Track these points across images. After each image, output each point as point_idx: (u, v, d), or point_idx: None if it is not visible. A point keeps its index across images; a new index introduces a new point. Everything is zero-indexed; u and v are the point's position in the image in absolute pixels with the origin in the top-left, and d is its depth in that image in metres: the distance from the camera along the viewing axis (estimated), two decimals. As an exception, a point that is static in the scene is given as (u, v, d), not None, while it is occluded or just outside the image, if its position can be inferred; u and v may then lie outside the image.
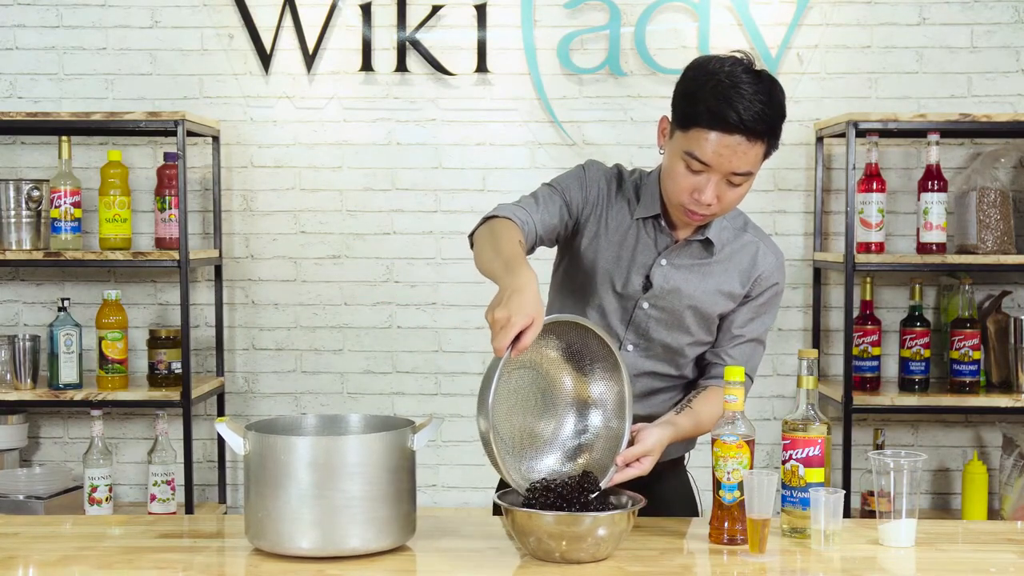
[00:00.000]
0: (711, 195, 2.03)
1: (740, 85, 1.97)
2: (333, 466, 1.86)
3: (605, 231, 2.20)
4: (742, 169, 2.01)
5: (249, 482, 1.93)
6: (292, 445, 1.88)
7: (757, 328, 2.24)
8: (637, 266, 2.18)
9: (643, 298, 2.18)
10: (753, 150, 2.00)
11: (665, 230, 2.18)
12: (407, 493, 1.95)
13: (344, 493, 1.86)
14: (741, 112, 1.96)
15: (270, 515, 1.88)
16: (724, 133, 1.97)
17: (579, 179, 2.23)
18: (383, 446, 1.90)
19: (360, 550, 1.89)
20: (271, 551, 1.90)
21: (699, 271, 2.19)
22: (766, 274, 2.21)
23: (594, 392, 2.06)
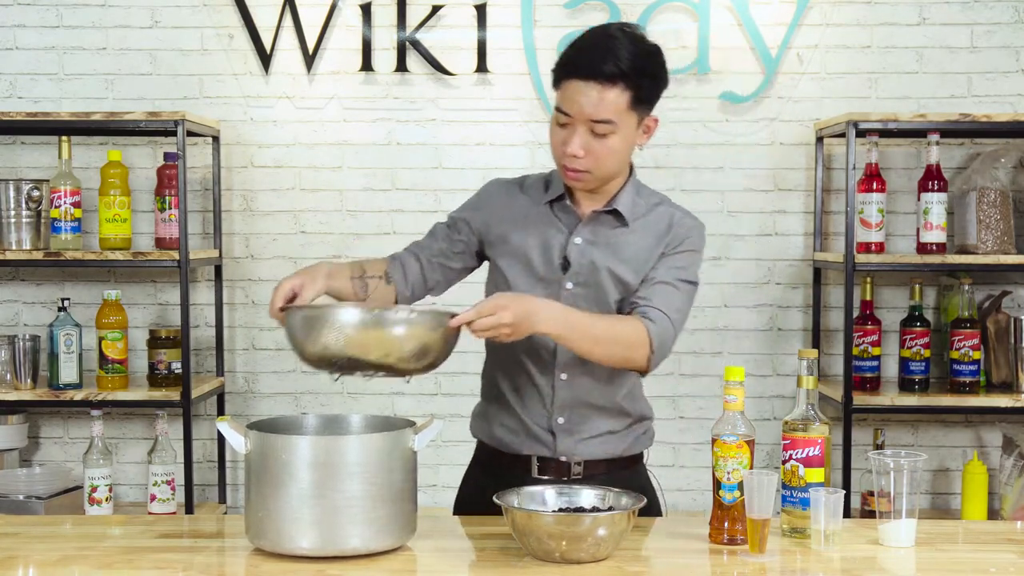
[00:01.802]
0: (576, 145, 2.09)
1: (594, 37, 2.10)
2: (334, 466, 1.87)
3: (514, 229, 2.24)
4: (600, 116, 2.07)
5: (250, 481, 1.93)
6: (293, 444, 1.88)
7: (671, 274, 2.20)
8: (554, 249, 2.21)
9: (564, 278, 2.20)
10: (608, 95, 2.06)
11: (570, 208, 2.22)
12: (408, 493, 1.95)
13: (345, 493, 1.86)
14: (589, 57, 2.06)
15: (270, 515, 1.88)
16: (577, 80, 2.06)
17: (475, 199, 2.33)
18: (384, 446, 1.91)
19: (360, 550, 1.89)
20: (271, 551, 1.90)
21: (614, 242, 2.21)
22: (680, 231, 2.23)
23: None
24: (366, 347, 1.91)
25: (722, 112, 3.82)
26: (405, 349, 1.92)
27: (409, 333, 1.92)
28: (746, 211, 3.85)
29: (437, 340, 1.94)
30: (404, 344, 1.92)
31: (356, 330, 1.90)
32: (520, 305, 1.99)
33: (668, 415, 3.87)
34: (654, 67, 2.13)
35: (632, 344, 2.10)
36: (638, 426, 2.34)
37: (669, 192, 3.79)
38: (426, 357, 1.95)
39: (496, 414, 2.30)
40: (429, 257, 2.29)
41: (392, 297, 2.26)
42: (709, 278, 3.85)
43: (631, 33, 2.11)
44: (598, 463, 2.26)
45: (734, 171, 3.83)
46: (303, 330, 1.95)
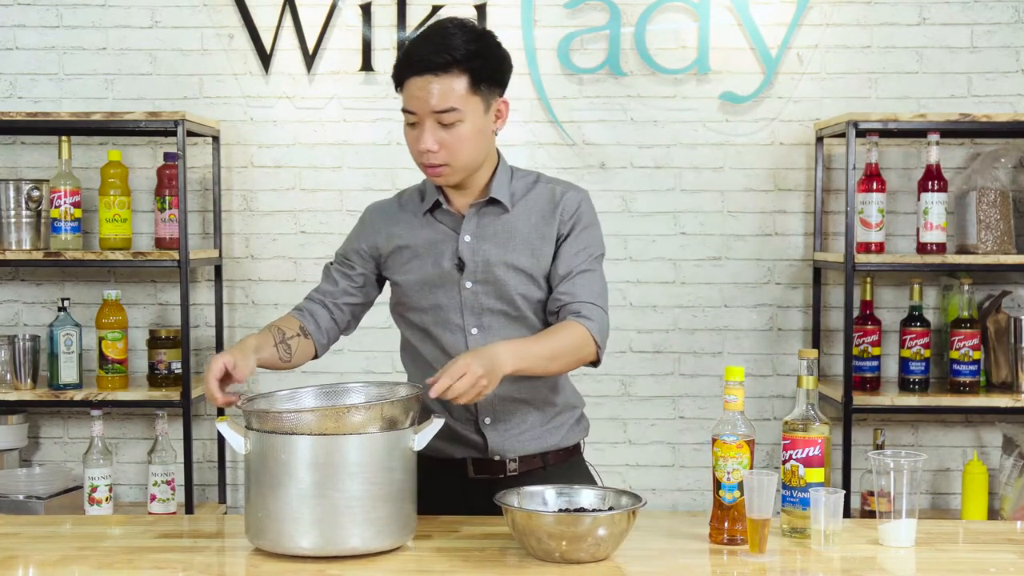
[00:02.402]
0: (429, 141, 2.10)
1: (426, 33, 2.13)
2: (334, 465, 1.87)
3: (403, 245, 2.25)
4: (442, 106, 2.08)
5: (249, 481, 1.93)
6: (293, 444, 1.88)
7: (582, 259, 2.21)
8: (445, 253, 2.22)
9: (463, 279, 2.21)
10: (446, 84, 2.08)
11: (449, 210, 2.23)
12: (408, 493, 1.95)
13: (344, 493, 1.87)
14: (421, 51, 2.08)
15: (270, 514, 1.89)
16: (411, 76, 2.09)
17: (359, 227, 2.34)
18: (384, 446, 1.91)
19: (360, 550, 1.89)
20: (271, 551, 1.91)
21: (501, 231, 2.21)
22: (568, 206, 2.23)
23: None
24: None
25: (722, 112, 3.82)
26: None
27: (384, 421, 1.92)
28: (746, 211, 3.85)
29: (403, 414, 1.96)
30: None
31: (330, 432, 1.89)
32: (480, 357, 1.98)
33: (668, 415, 3.87)
34: (486, 48, 2.14)
35: (579, 347, 2.14)
36: (567, 415, 2.32)
37: (669, 192, 3.83)
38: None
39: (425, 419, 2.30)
40: (334, 301, 2.31)
41: (312, 350, 2.29)
42: (709, 278, 3.85)
43: (461, 23, 2.14)
44: (533, 457, 2.27)
45: (734, 171, 3.83)
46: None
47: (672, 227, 3.84)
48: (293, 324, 2.26)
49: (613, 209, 3.82)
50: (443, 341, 2.23)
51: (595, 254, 2.24)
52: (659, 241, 3.84)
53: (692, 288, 3.85)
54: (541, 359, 2.09)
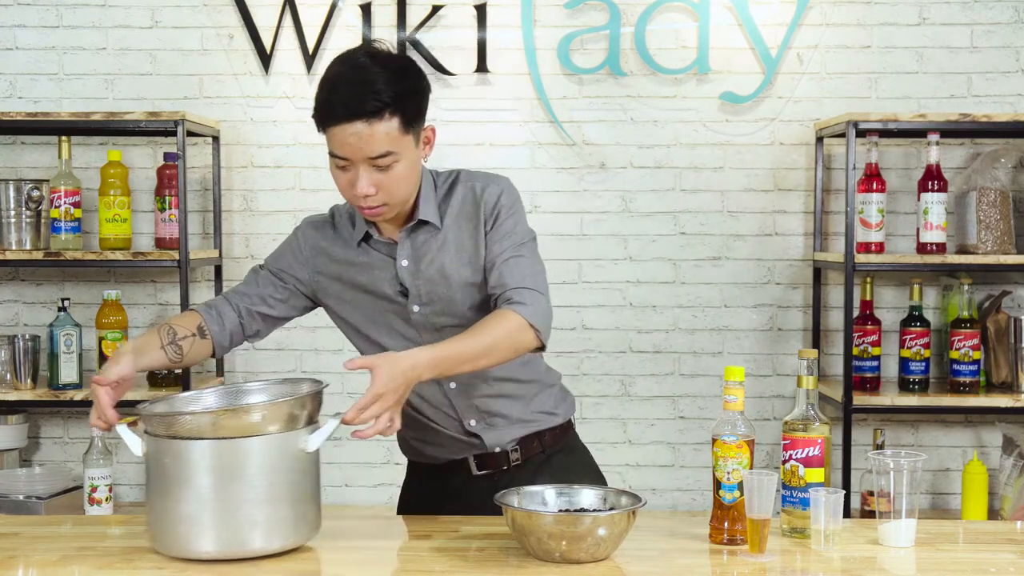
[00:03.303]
0: (365, 185, 2.02)
1: (345, 74, 2.00)
2: (226, 468, 1.84)
3: (341, 276, 2.21)
4: (376, 152, 2.00)
5: (148, 485, 1.91)
6: (187, 448, 1.85)
7: (505, 247, 2.14)
8: (385, 281, 2.17)
9: (409, 304, 2.16)
10: (379, 129, 1.98)
11: (381, 240, 2.17)
12: (306, 493, 1.93)
13: (240, 495, 1.85)
14: (346, 97, 1.98)
15: (169, 519, 1.86)
16: (342, 124, 1.98)
17: (295, 249, 2.25)
18: (277, 448, 1.88)
19: (260, 551, 1.88)
20: (175, 555, 1.88)
21: (437, 250, 2.16)
22: (488, 202, 2.15)
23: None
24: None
25: (722, 112, 3.82)
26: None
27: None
28: (746, 211, 3.85)
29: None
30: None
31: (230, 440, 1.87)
32: (389, 371, 1.92)
33: (668, 415, 3.87)
34: (412, 84, 2.04)
35: (514, 335, 2.04)
36: (547, 393, 2.30)
37: (669, 192, 3.83)
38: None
39: (416, 436, 2.30)
40: (248, 306, 2.24)
41: (209, 350, 2.22)
42: (709, 278, 3.85)
43: (380, 57, 2.03)
44: (531, 442, 2.26)
45: (734, 171, 3.83)
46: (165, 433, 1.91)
47: (672, 227, 3.84)
48: (191, 323, 2.20)
49: (613, 209, 3.82)
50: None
51: (519, 241, 2.14)
52: (659, 241, 3.84)
53: (692, 288, 3.85)
54: (465, 359, 2.01)
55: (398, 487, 3.83)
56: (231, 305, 2.24)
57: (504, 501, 1.94)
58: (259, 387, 2.11)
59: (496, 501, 1.94)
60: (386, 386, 1.92)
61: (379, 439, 3.85)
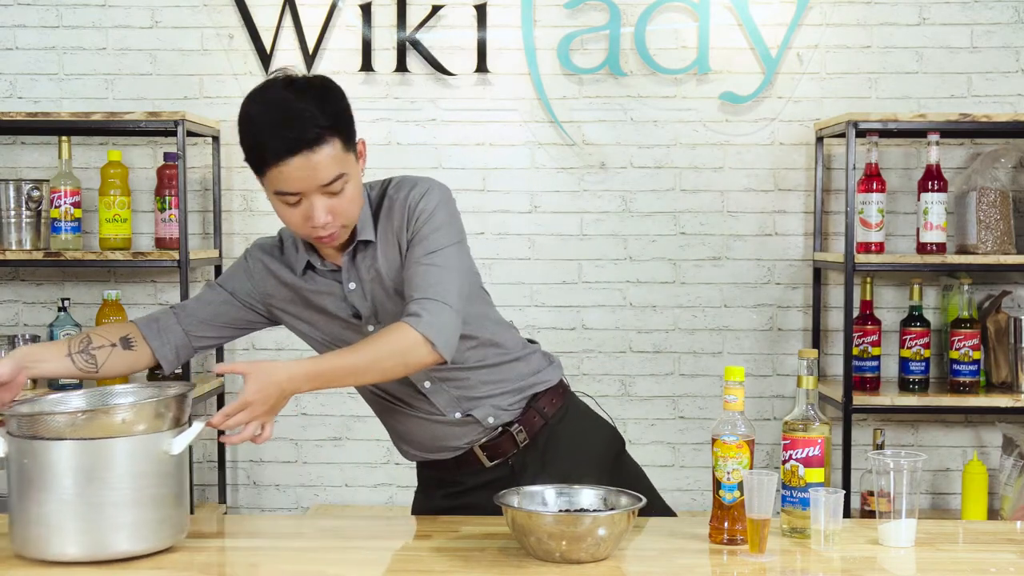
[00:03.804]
0: (323, 215, 1.97)
1: (268, 112, 1.94)
2: (93, 470, 1.82)
3: (292, 304, 2.19)
4: (328, 178, 1.95)
5: (10, 486, 1.88)
6: (48, 449, 1.82)
7: (417, 255, 2.05)
8: (336, 305, 2.14)
9: (363, 324, 2.14)
10: (324, 154, 1.94)
11: (325, 265, 2.14)
12: (170, 496, 1.91)
13: (102, 497, 1.83)
14: (283, 133, 1.92)
15: (32, 521, 1.84)
16: (287, 159, 1.92)
17: (243, 268, 2.23)
18: (139, 449, 1.85)
19: (128, 552, 1.86)
20: (38, 558, 1.86)
21: (377, 267, 2.11)
22: (410, 206, 2.08)
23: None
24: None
25: (722, 112, 3.82)
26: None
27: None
28: (746, 211, 3.85)
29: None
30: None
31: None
32: (262, 380, 1.90)
33: (668, 415, 3.87)
34: (339, 102, 2.00)
35: (403, 351, 1.96)
36: (527, 359, 2.26)
37: (669, 192, 3.83)
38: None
39: (404, 434, 2.28)
40: (199, 322, 2.21)
41: (138, 362, 2.18)
42: (709, 278, 3.85)
43: (298, 83, 1.98)
44: (531, 416, 2.22)
45: (734, 171, 3.83)
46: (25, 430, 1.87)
47: (672, 227, 3.84)
48: (115, 333, 2.15)
49: (613, 209, 3.82)
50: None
51: (432, 248, 2.05)
52: (659, 241, 3.84)
53: (692, 288, 3.85)
54: (346, 374, 1.97)
55: (398, 487, 3.87)
56: (177, 319, 2.21)
57: (504, 501, 1.94)
58: (129, 390, 2.09)
59: (496, 501, 1.94)
60: (256, 395, 1.89)
61: (378, 439, 3.87)
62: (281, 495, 3.92)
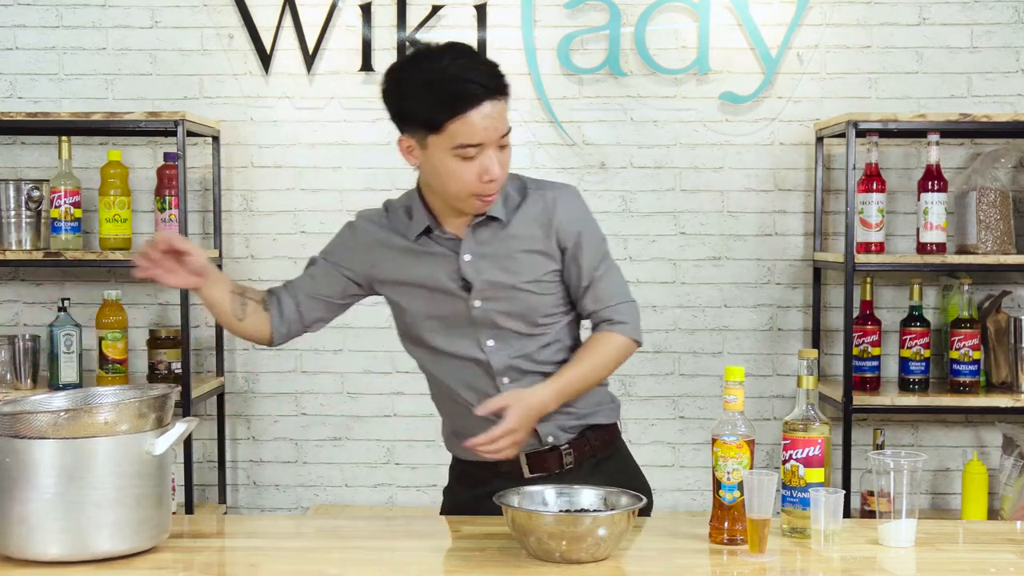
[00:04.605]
0: (497, 168, 2.08)
1: (456, 62, 2.05)
2: (74, 469, 1.82)
3: (400, 268, 2.21)
4: (505, 129, 2.10)
5: None
6: (29, 448, 1.82)
7: (595, 263, 2.22)
8: (447, 275, 2.17)
9: (470, 298, 2.17)
10: (501, 106, 2.09)
11: (445, 232, 2.18)
12: (154, 497, 1.91)
13: (86, 497, 1.83)
14: (477, 80, 2.03)
15: (13, 520, 1.84)
16: (476, 107, 2.03)
17: (349, 242, 2.26)
18: (121, 449, 1.86)
19: (110, 552, 1.86)
20: (18, 557, 1.86)
21: (501, 247, 2.17)
22: (565, 216, 2.19)
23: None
24: None
25: (722, 112, 3.82)
26: None
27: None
28: (746, 211, 3.85)
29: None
30: None
31: None
32: (526, 415, 2.08)
33: (668, 415, 3.87)
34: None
35: (619, 354, 2.21)
36: (598, 388, 2.29)
37: (669, 192, 3.83)
38: None
39: (462, 429, 2.27)
40: (308, 296, 2.26)
41: (267, 327, 2.25)
42: (709, 278, 3.85)
43: (466, 46, 2.13)
44: (583, 444, 2.24)
45: (734, 171, 3.83)
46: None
47: (672, 227, 3.84)
48: (259, 294, 2.26)
49: (613, 209, 3.82)
50: (459, 357, 2.20)
51: (603, 251, 2.24)
52: (659, 241, 3.84)
53: (692, 288, 3.85)
54: (584, 385, 2.18)
55: (398, 487, 3.87)
56: (291, 297, 2.26)
57: (504, 501, 1.94)
58: (113, 391, 2.09)
59: (496, 501, 1.94)
60: (518, 422, 2.07)
61: (378, 439, 3.87)
62: (281, 495, 3.92)
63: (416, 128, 2.09)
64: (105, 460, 1.84)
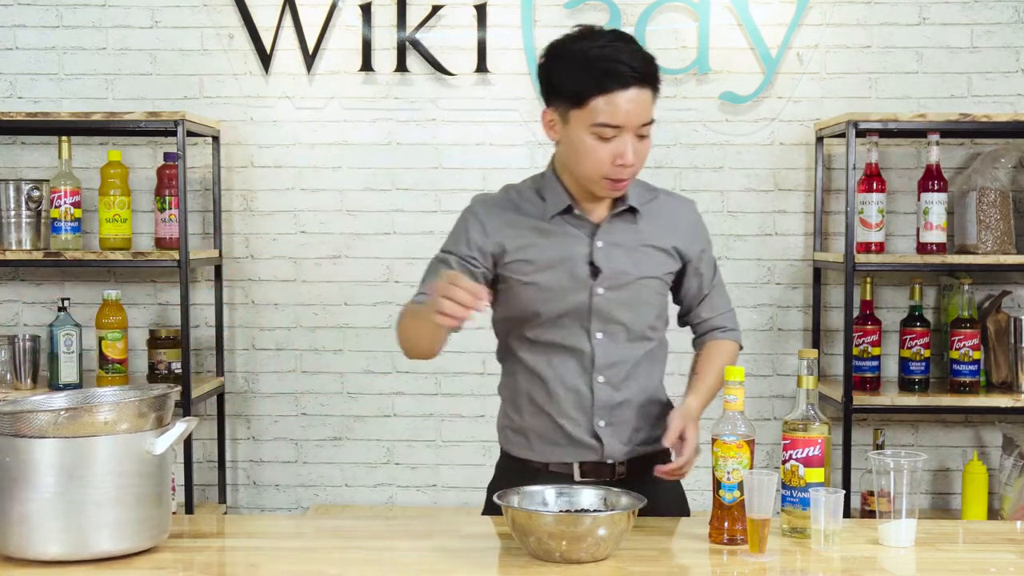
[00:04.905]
0: (631, 154, 2.09)
1: (613, 43, 2.08)
2: (74, 468, 1.82)
3: (528, 247, 2.18)
4: (648, 119, 2.11)
5: None
6: (27, 447, 1.82)
7: (712, 274, 2.34)
8: (578, 258, 2.18)
9: (595, 284, 2.18)
10: (647, 96, 2.10)
11: (582, 216, 2.19)
12: (154, 496, 1.91)
13: (86, 496, 1.83)
14: (630, 63, 2.06)
15: (13, 520, 1.84)
16: (623, 89, 2.05)
17: (474, 226, 2.21)
18: (121, 448, 1.86)
19: (110, 552, 1.86)
20: (19, 556, 1.85)
21: (633, 240, 2.21)
22: (695, 226, 2.31)
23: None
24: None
25: (722, 112, 3.82)
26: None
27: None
28: (746, 211, 3.85)
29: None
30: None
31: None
32: (696, 429, 2.18)
33: (668, 415, 3.86)
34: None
35: (735, 359, 2.36)
36: (664, 399, 2.34)
37: (669, 192, 3.82)
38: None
39: (532, 426, 2.24)
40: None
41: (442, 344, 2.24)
42: (709, 278, 3.85)
43: (627, 35, 2.16)
44: (637, 462, 2.25)
45: (734, 171, 3.83)
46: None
47: (672, 227, 3.84)
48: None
49: (613, 209, 3.82)
50: (563, 347, 2.18)
51: (716, 263, 2.37)
52: (659, 241, 3.84)
53: (692, 288, 3.85)
54: (714, 391, 2.29)
55: (398, 487, 3.87)
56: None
57: (504, 501, 1.94)
58: (113, 391, 2.09)
59: (496, 501, 1.94)
60: (697, 438, 2.16)
61: (378, 439, 3.87)
62: (281, 495, 3.92)
63: (561, 102, 2.11)
64: (105, 459, 1.84)
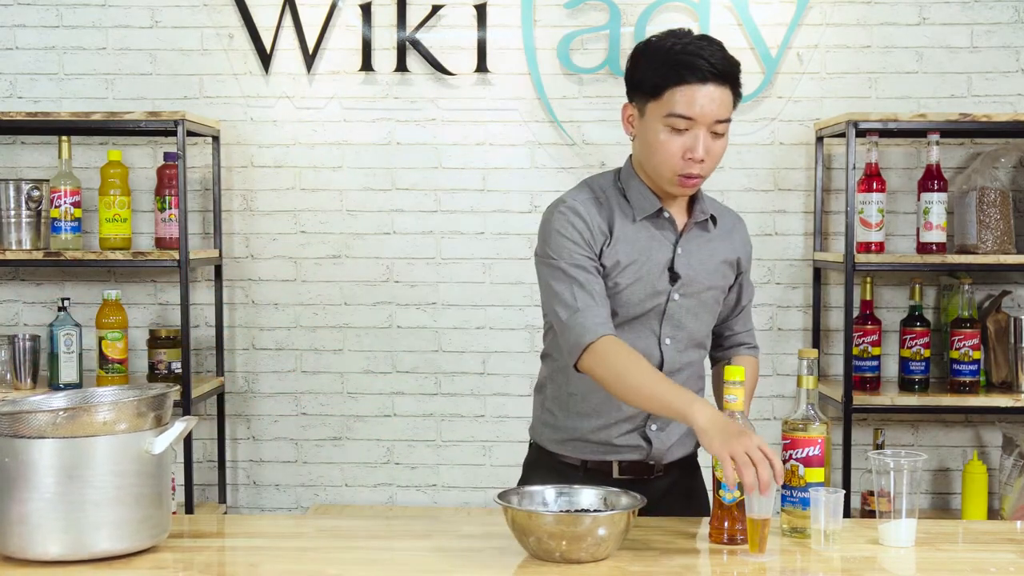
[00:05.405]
0: (702, 149, 2.08)
1: (695, 41, 2.10)
2: (73, 468, 1.82)
3: (620, 248, 2.18)
4: (723, 116, 2.09)
5: None
6: (26, 447, 1.82)
7: (747, 295, 2.42)
8: (660, 263, 2.19)
9: (673, 290, 2.20)
10: (725, 95, 2.09)
11: (671, 220, 2.21)
12: (154, 496, 1.91)
13: (85, 496, 1.83)
14: (709, 59, 2.07)
15: (13, 520, 1.83)
16: (699, 83, 2.06)
17: (581, 225, 2.16)
18: (119, 448, 1.86)
19: (109, 552, 1.86)
20: (19, 557, 1.85)
21: (707, 250, 2.25)
22: (747, 240, 2.37)
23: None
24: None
25: (722, 112, 3.82)
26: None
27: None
28: (746, 211, 3.84)
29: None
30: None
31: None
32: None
33: (668, 415, 3.86)
34: (739, 68, 2.17)
35: (758, 372, 2.44)
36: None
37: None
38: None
39: (578, 425, 2.24)
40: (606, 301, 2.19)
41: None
42: (709, 278, 3.85)
43: (714, 38, 2.16)
44: (673, 464, 2.27)
45: (734, 171, 3.83)
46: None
47: (672, 227, 3.84)
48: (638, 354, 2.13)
49: (613, 209, 3.82)
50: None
51: (753, 292, 2.45)
52: (659, 241, 3.84)
53: (692, 288, 3.85)
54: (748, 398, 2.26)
55: (398, 487, 3.88)
56: (606, 312, 2.15)
57: (504, 501, 1.94)
58: (112, 391, 2.09)
59: (496, 501, 1.94)
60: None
61: (378, 439, 3.87)
62: (281, 495, 3.92)
63: (640, 95, 2.13)
64: (104, 459, 1.84)
